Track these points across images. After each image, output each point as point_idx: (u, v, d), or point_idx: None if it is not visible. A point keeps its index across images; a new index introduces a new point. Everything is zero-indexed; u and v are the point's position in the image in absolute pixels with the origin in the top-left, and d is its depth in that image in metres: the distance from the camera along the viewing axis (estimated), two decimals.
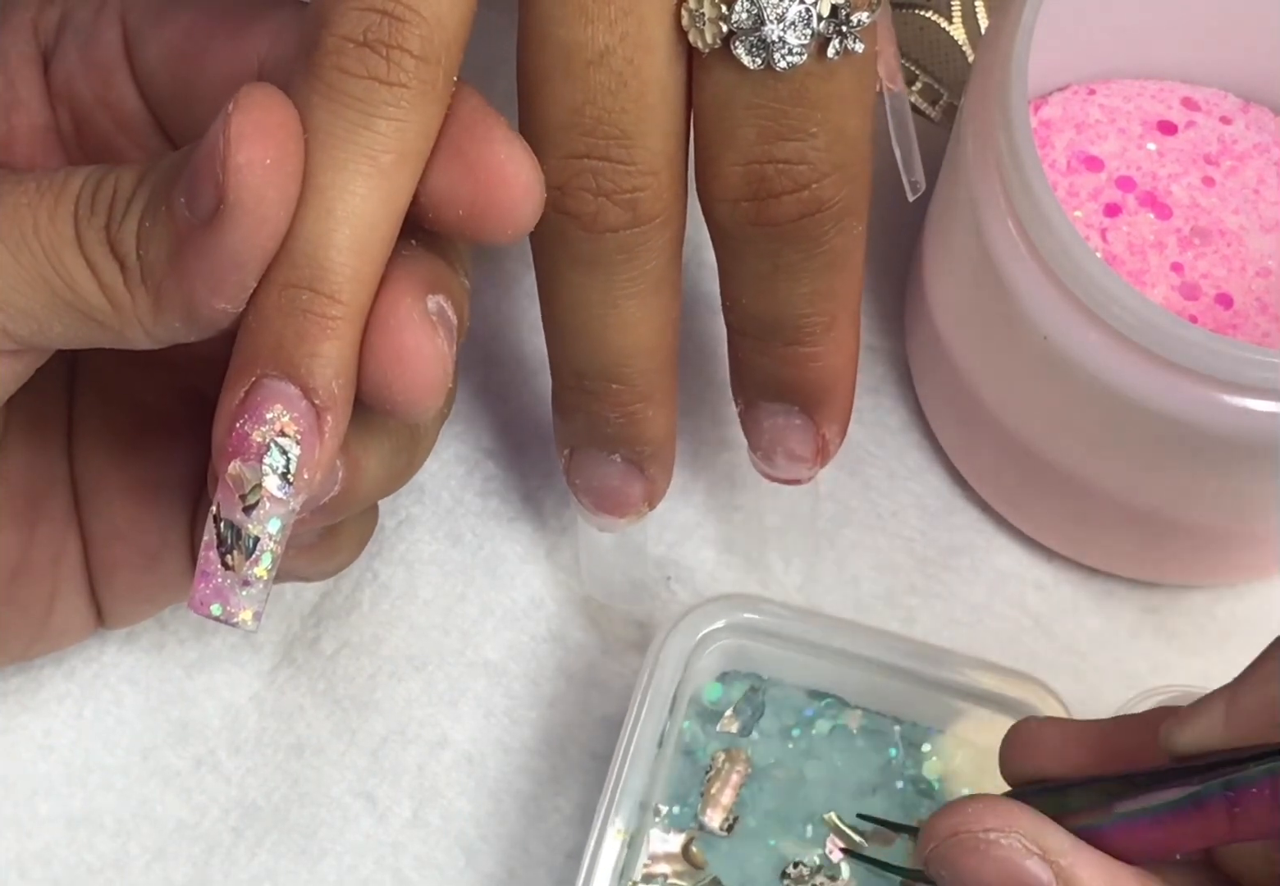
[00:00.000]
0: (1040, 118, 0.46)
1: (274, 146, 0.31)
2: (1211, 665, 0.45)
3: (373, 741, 0.45)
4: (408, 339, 0.33)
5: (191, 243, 0.32)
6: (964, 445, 0.47)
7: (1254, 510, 0.43)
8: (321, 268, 0.32)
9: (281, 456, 0.32)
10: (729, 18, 0.33)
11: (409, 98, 0.32)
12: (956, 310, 0.44)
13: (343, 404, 0.33)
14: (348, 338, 0.32)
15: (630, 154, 0.34)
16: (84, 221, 0.33)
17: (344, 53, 0.32)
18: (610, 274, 0.35)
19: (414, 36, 0.31)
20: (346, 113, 0.32)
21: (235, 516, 0.33)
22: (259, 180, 0.31)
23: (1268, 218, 0.45)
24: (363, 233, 0.32)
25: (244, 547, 0.33)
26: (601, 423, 0.38)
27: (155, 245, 0.32)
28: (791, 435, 0.40)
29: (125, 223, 0.33)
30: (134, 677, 0.45)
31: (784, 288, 0.36)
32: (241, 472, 0.33)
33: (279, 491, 0.33)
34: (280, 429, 0.32)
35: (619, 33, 0.33)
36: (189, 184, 0.32)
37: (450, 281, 0.34)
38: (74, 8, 0.38)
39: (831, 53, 0.33)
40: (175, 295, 0.32)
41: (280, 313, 0.32)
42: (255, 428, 0.32)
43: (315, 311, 0.32)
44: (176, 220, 0.32)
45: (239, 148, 0.31)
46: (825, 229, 0.35)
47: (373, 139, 0.32)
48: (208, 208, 0.31)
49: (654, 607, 0.46)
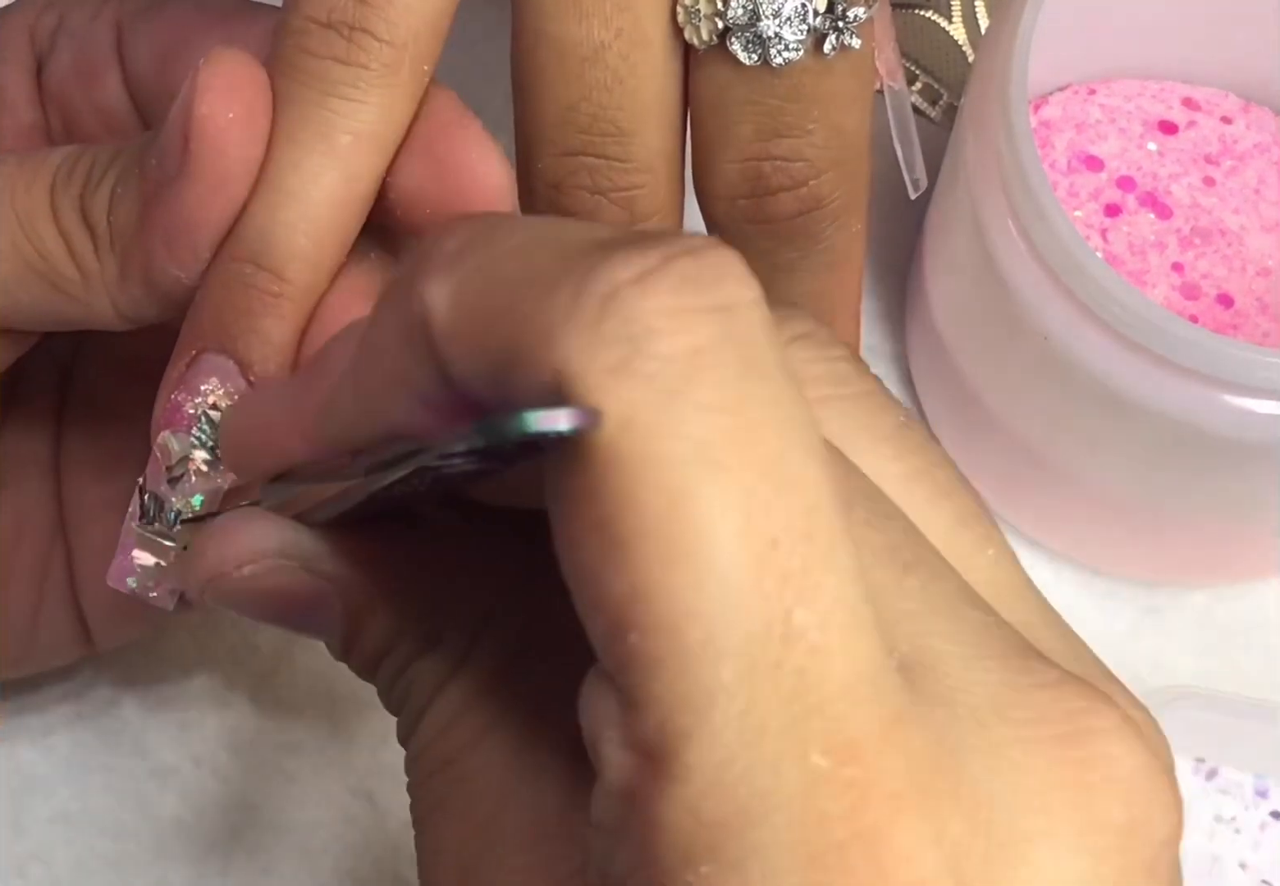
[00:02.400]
0: (1040, 118, 0.46)
1: (237, 101, 0.31)
2: (1211, 665, 0.45)
3: (373, 741, 0.45)
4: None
5: (153, 199, 0.32)
6: (964, 445, 0.47)
7: (1254, 510, 0.43)
8: (267, 243, 0.32)
9: (211, 430, 0.32)
10: (725, 14, 0.33)
11: (368, 79, 0.31)
12: (956, 310, 0.44)
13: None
14: (290, 316, 0.32)
15: (626, 151, 0.33)
16: (59, 192, 0.33)
17: (307, 33, 0.31)
18: None
19: (379, 19, 0.31)
20: (304, 91, 0.31)
21: (160, 488, 0.32)
22: (221, 133, 0.31)
23: (1268, 218, 0.45)
24: (313, 212, 0.32)
25: (165, 521, 0.32)
26: None
27: (124, 208, 0.32)
28: None
29: (99, 190, 0.33)
30: (133, 677, 0.45)
31: (782, 286, 0.36)
32: (169, 443, 0.32)
33: (206, 465, 0.32)
34: (213, 402, 0.32)
35: (614, 29, 0.33)
36: (160, 142, 0.32)
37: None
38: (70, 11, 0.38)
39: (828, 49, 0.33)
40: (135, 258, 0.32)
41: (225, 286, 0.32)
42: (189, 399, 0.32)
43: (258, 286, 0.32)
44: (147, 180, 0.32)
45: (202, 99, 0.31)
46: (823, 226, 0.35)
47: (329, 118, 0.31)
48: (174, 162, 0.31)
49: None
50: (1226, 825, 0.43)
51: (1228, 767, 0.43)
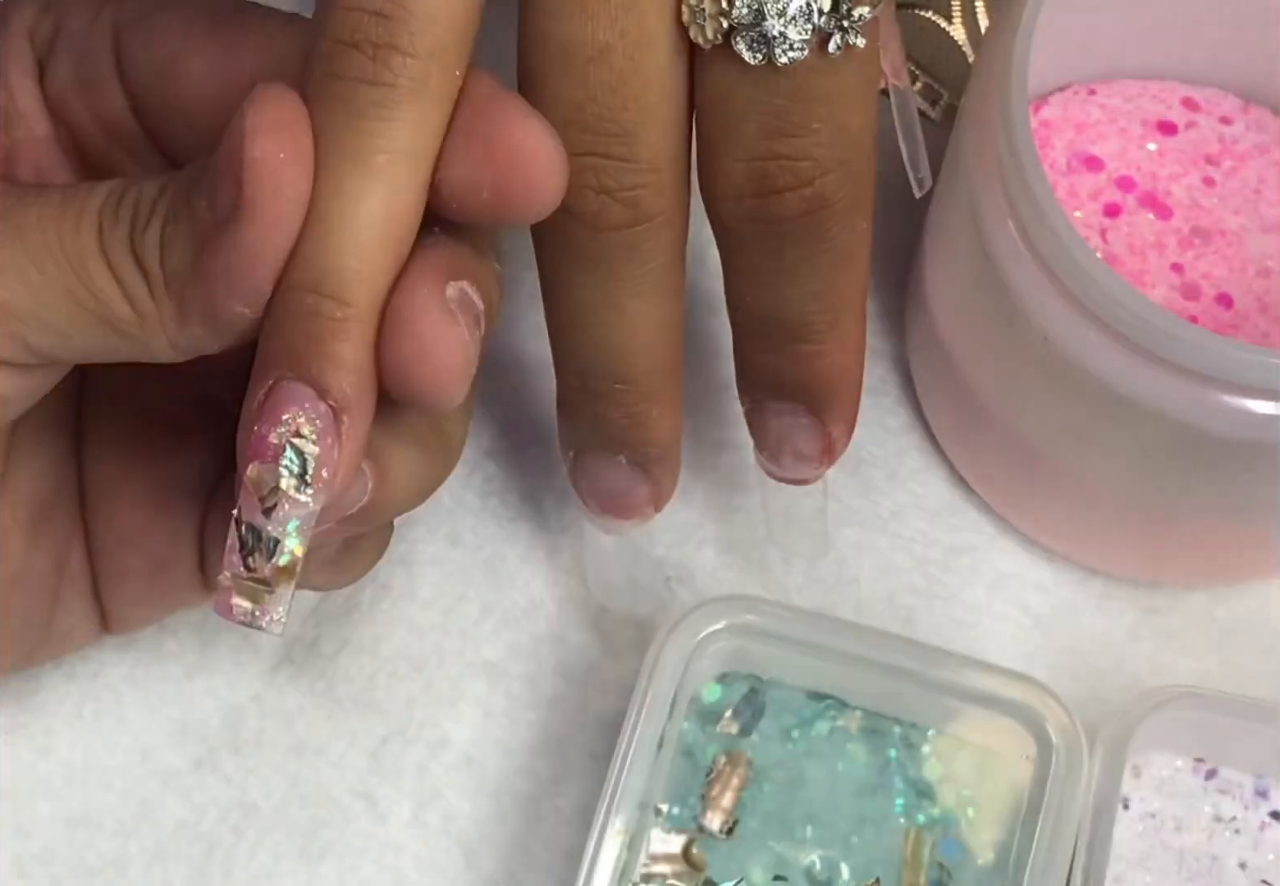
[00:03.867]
0: (1040, 118, 0.46)
1: (289, 141, 0.31)
2: (1211, 665, 0.45)
3: (373, 742, 0.45)
4: (425, 327, 0.32)
5: (211, 243, 0.32)
6: (964, 446, 0.47)
7: (1254, 510, 0.43)
8: (322, 270, 0.32)
9: (298, 457, 0.32)
10: (730, 13, 0.33)
11: (395, 97, 0.31)
12: (956, 310, 0.44)
13: (359, 403, 0.33)
14: (358, 337, 0.32)
15: (632, 151, 0.33)
16: (108, 232, 0.33)
17: (334, 56, 0.32)
18: (613, 273, 0.35)
19: (403, 33, 0.31)
20: (334, 116, 0.32)
21: (255, 519, 0.33)
22: (274, 174, 0.31)
23: (1268, 218, 0.45)
24: (361, 233, 0.32)
25: (265, 550, 0.33)
26: (606, 424, 0.38)
27: (178, 250, 0.32)
28: (798, 434, 0.39)
29: (149, 231, 0.33)
30: (134, 677, 0.45)
31: (788, 286, 0.36)
32: (260, 475, 0.33)
33: (297, 493, 0.33)
34: (296, 429, 0.32)
35: (619, 29, 0.32)
36: (210, 184, 0.32)
37: (475, 266, 0.34)
38: (67, 16, 0.38)
39: (833, 48, 0.33)
40: (196, 300, 0.33)
41: (290, 316, 0.32)
42: (272, 429, 0.32)
43: (323, 313, 0.32)
44: (198, 222, 0.32)
45: (254, 142, 0.31)
46: (829, 226, 0.35)
47: (360, 140, 0.32)
48: (227, 206, 0.32)
49: (654, 608, 0.46)
50: (1226, 825, 0.43)
51: (1228, 767, 0.43)
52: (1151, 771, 0.43)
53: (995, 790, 0.43)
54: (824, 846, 0.42)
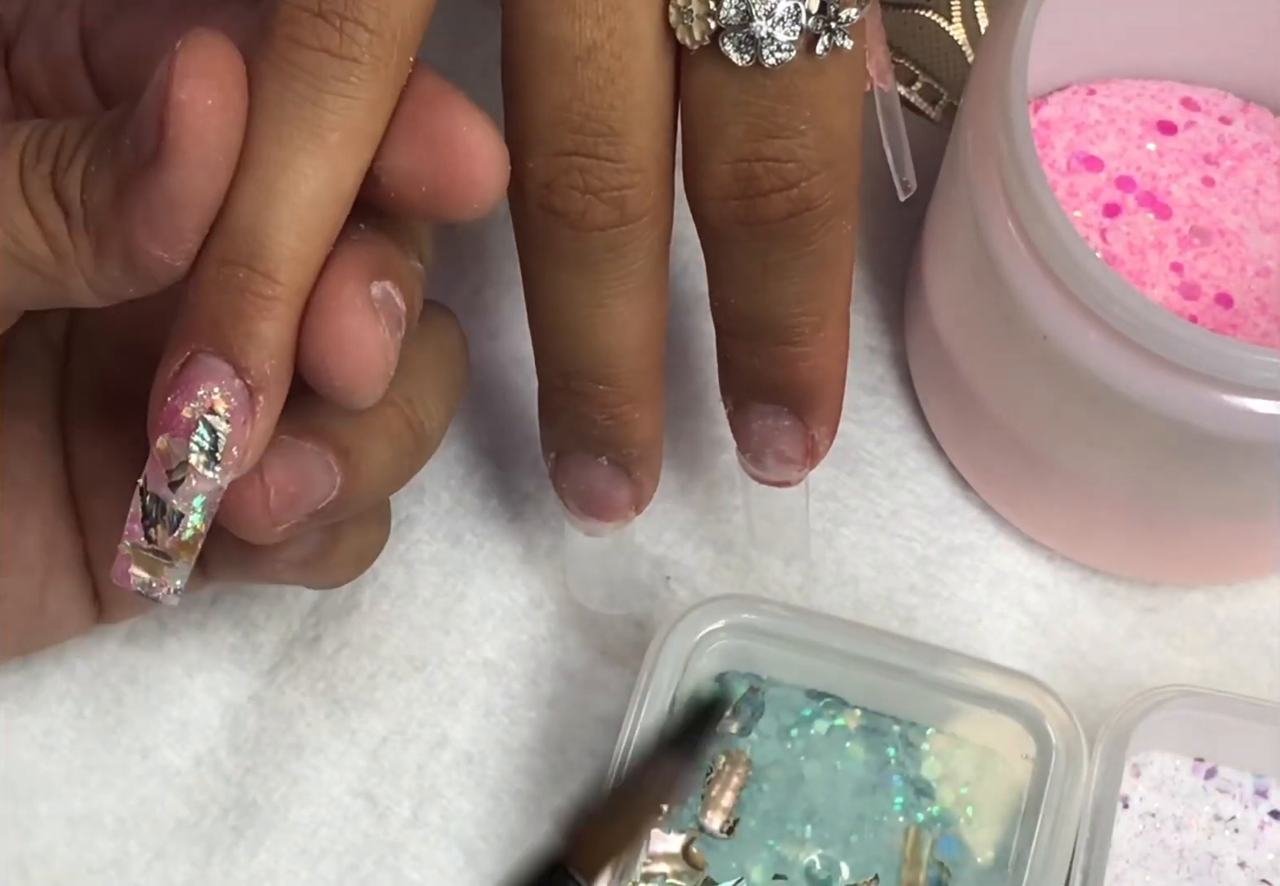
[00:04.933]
0: (1040, 118, 0.46)
1: (217, 88, 0.31)
2: (1211, 665, 0.45)
3: (373, 741, 0.45)
4: (348, 324, 0.32)
5: (131, 182, 0.32)
6: (964, 445, 0.47)
7: (1254, 510, 0.43)
8: (260, 245, 0.32)
9: (210, 434, 0.32)
10: (717, 14, 0.33)
11: (360, 73, 0.31)
12: (956, 310, 0.44)
13: (276, 384, 0.32)
14: (284, 318, 0.32)
15: (618, 151, 0.33)
16: (29, 169, 0.33)
17: (298, 22, 0.31)
18: (597, 273, 0.35)
19: (370, 9, 0.31)
20: (295, 85, 0.31)
21: (161, 490, 0.33)
22: (200, 120, 0.31)
23: (1268, 218, 0.45)
24: (304, 211, 0.32)
25: (168, 522, 0.33)
26: (588, 425, 0.38)
27: (99, 188, 0.32)
28: (781, 436, 0.39)
29: (71, 168, 0.32)
30: (134, 677, 0.45)
31: (773, 287, 0.36)
32: (170, 447, 0.33)
33: (205, 469, 0.33)
34: (210, 406, 0.32)
35: (606, 29, 0.32)
36: (135, 124, 0.32)
37: (400, 266, 0.34)
38: (35, 3, 0.38)
39: (820, 49, 0.33)
40: (114, 238, 0.32)
41: (217, 288, 0.32)
42: (186, 403, 0.32)
43: (252, 290, 0.32)
44: (122, 161, 0.32)
45: (181, 85, 0.31)
46: (814, 228, 0.35)
47: (320, 115, 0.31)
48: (151, 146, 0.31)
49: (653, 607, 0.46)
50: (1226, 824, 0.43)
51: (1227, 767, 0.43)
52: (1151, 771, 0.43)
53: (995, 789, 0.43)
54: (824, 845, 0.42)
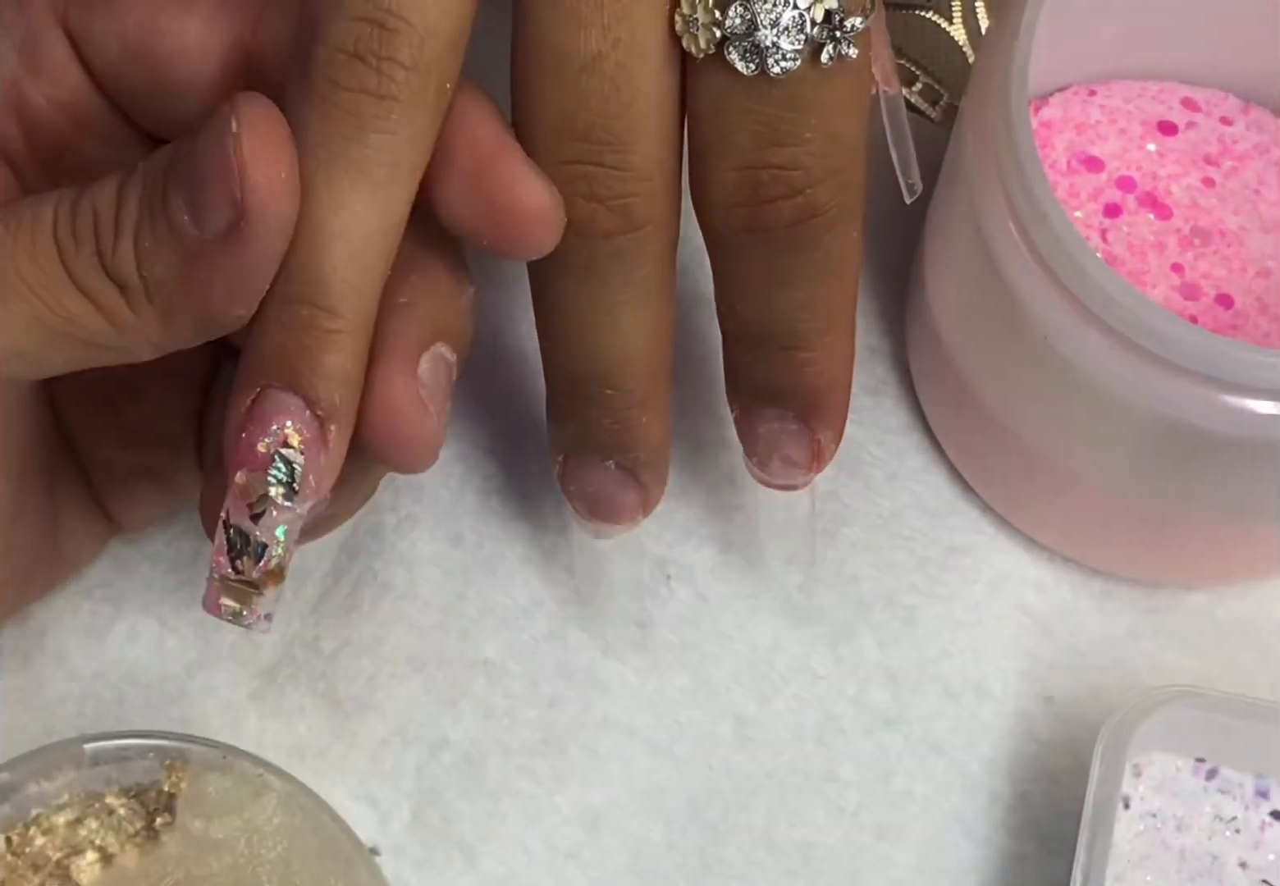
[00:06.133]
0: (1040, 118, 0.46)
1: (287, 162, 0.32)
2: (1211, 665, 0.45)
3: (373, 742, 0.45)
4: (396, 422, 0.34)
5: (205, 258, 0.32)
6: (964, 445, 0.47)
7: (1254, 510, 0.43)
8: (319, 283, 0.32)
9: (286, 466, 0.33)
10: (723, 23, 0.33)
11: (400, 110, 0.32)
12: (956, 310, 0.44)
13: (345, 414, 0.33)
14: (349, 349, 0.33)
15: (623, 160, 0.34)
16: (69, 253, 0.33)
17: (335, 65, 0.32)
18: (603, 280, 0.35)
19: (404, 47, 0.32)
20: (339, 127, 0.32)
21: (244, 523, 0.34)
22: (276, 197, 0.32)
23: (1268, 218, 0.45)
24: (359, 247, 0.32)
25: (253, 553, 0.34)
26: (596, 429, 0.38)
27: (161, 263, 0.33)
28: (787, 441, 0.39)
29: (120, 245, 0.33)
30: (135, 676, 0.45)
31: (779, 293, 0.36)
32: (249, 482, 0.34)
33: (285, 500, 0.34)
34: (284, 440, 0.33)
35: (612, 38, 0.33)
36: (195, 201, 0.32)
37: (449, 317, 0.35)
38: None
39: (825, 58, 0.33)
40: (186, 308, 0.33)
41: (282, 327, 0.33)
42: (260, 438, 0.33)
43: (316, 326, 0.33)
44: (184, 237, 0.32)
45: (255, 166, 0.32)
46: (820, 234, 0.35)
47: (365, 153, 0.32)
48: (221, 224, 0.32)
49: (653, 606, 0.46)
50: (1227, 825, 0.43)
51: (1228, 767, 0.43)
52: (1152, 771, 0.43)
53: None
54: None
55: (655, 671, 0.46)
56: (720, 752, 0.45)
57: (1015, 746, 0.45)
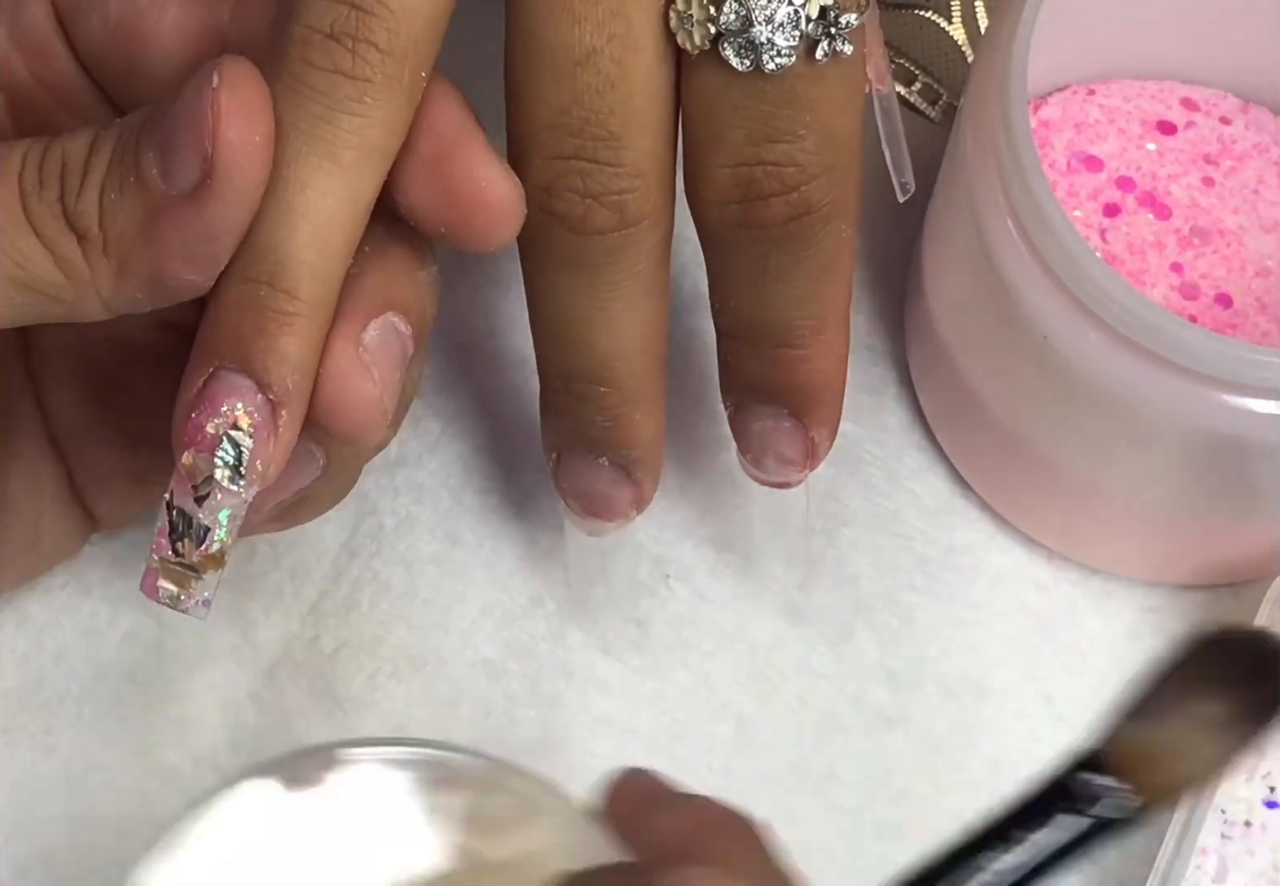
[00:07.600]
0: (1040, 118, 0.46)
1: (263, 124, 0.31)
2: None
3: None
4: (339, 388, 0.33)
5: (167, 214, 0.32)
6: (964, 445, 0.47)
7: (1254, 510, 0.43)
8: (280, 264, 0.32)
9: (234, 449, 0.33)
10: (717, 19, 0.33)
11: (373, 93, 0.32)
12: (956, 310, 0.44)
13: (298, 399, 0.33)
14: (306, 334, 0.33)
15: (618, 156, 0.34)
16: (32, 196, 0.33)
17: (310, 44, 0.32)
18: (597, 276, 0.35)
19: (381, 29, 0.31)
20: (310, 106, 0.32)
21: (187, 505, 0.33)
22: (248, 157, 0.31)
23: (1267, 218, 0.45)
24: (322, 229, 0.32)
25: (195, 536, 0.33)
26: (588, 426, 0.38)
27: (122, 216, 0.32)
28: (781, 438, 0.39)
29: (84, 193, 0.33)
30: (134, 675, 0.45)
31: (773, 290, 0.36)
32: (195, 463, 0.33)
33: (230, 483, 0.33)
34: (233, 421, 0.33)
35: (607, 34, 0.33)
36: (166, 155, 0.32)
37: (404, 288, 0.35)
38: None
39: (820, 55, 0.33)
40: (142, 266, 0.32)
41: (239, 306, 0.32)
42: (209, 419, 0.33)
43: (273, 307, 0.32)
44: (150, 191, 0.32)
45: (229, 123, 0.31)
46: (814, 231, 0.35)
47: (335, 134, 0.32)
48: (190, 180, 0.31)
49: (652, 606, 0.46)
50: (1227, 825, 0.43)
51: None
52: None
53: None
54: None
55: (654, 671, 0.46)
56: (720, 752, 0.45)
57: (1015, 746, 0.45)
